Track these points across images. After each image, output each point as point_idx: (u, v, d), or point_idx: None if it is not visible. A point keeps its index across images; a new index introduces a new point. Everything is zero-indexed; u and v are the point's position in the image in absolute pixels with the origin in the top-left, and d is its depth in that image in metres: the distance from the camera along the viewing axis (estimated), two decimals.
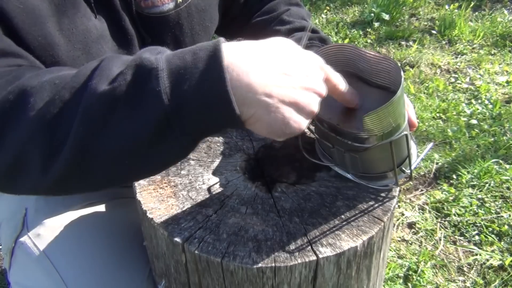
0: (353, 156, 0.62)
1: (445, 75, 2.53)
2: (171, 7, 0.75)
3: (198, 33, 0.81)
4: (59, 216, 0.80)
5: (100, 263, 0.75)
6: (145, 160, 0.49)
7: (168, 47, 0.77)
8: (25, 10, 0.59)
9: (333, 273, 0.58)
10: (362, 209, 0.63)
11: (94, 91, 0.45)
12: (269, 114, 0.48)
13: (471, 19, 2.98)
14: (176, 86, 0.44)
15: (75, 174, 0.49)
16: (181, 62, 0.45)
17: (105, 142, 0.46)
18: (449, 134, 2.03)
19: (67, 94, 0.47)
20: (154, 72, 0.45)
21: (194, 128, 0.47)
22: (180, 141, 0.47)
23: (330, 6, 3.20)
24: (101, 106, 0.45)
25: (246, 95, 0.46)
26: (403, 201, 1.75)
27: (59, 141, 0.47)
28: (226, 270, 0.56)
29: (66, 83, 0.47)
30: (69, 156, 0.47)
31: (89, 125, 0.46)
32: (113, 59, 0.48)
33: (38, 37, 0.60)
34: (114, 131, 0.46)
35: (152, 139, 0.46)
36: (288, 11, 0.89)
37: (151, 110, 0.45)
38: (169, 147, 0.48)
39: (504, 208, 1.66)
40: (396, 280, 1.44)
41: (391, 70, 0.61)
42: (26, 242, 0.78)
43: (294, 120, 0.49)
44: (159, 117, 0.45)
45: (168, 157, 0.51)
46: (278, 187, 0.67)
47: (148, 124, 0.45)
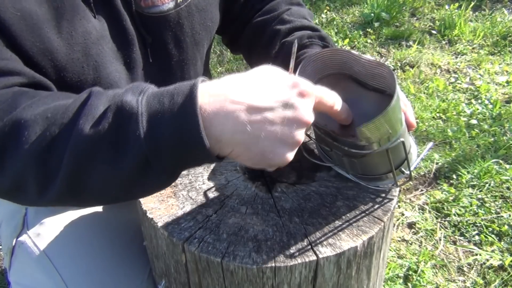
0: (351, 160, 0.62)
1: (445, 75, 2.53)
2: (171, 6, 0.75)
3: (199, 32, 0.81)
4: (59, 216, 0.80)
5: (100, 262, 0.75)
6: (129, 192, 0.54)
7: (169, 46, 0.77)
8: (22, 17, 0.59)
9: (333, 273, 0.58)
10: (362, 209, 0.63)
11: (81, 132, 0.49)
12: (247, 150, 0.50)
13: (471, 19, 2.98)
14: (154, 130, 0.48)
15: (69, 199, 0.54)
16: (159, 106, 0.48)
17: (92, 178, 0.51)
18: (449, 134, 2.03)
19: (57, 130, 0.50)
20: (134, 116, 0.48)
21: (173, 166, 0.51)
22: (161, 177, 0.52)
23: (330, 6, 3.20)
24: (87, 146, 0.49)
25: (221, 135, 0.48)
26: (403, 201, 1.75)
27: (51, 173, 0.51)
28: (226, 270, 0.56)
29: (56, 119, 0.51)
30: (61, 186, 0.51)
31: (77, 162, 0.50)
32: (100, 96, 0.51)
33: (37, 43, 0.61)
34: (100, 169, 0.50)
35: (134, 176, 0.50)
36: (288, 10, 0.89)
37: (131, 152, 0.48)
38: (151, 182, 0.52)
39: (504, 208, 1.66)
40: (396, 280, 1.44)
41: (385, 76, 0.60)
42: (26, 242, 0.78)
43: (276, 153, 0.50)
44: (139, 159, 0.48)
45: (151, 189, 0.55)
46: (278, 187, 0.67)
47: (129, 164, 0.49)
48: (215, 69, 2.60)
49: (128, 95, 0.50)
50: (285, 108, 0.49)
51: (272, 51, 0.84)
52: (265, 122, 0.49)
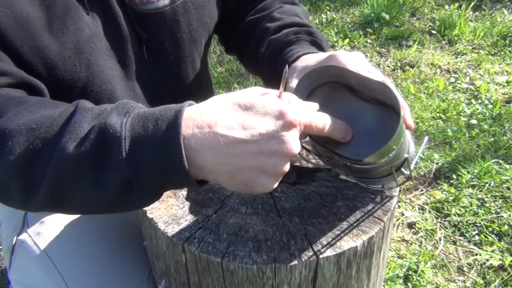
0: (351, 169, 0.61)
1: (445, 75, 2.53)
2: (166, 3, 0.74)
3: (196, 29, 0.81)
4: (59, 215, 0.80)
5: (100, 262, 0.76)
6: (111, 210, 0.54)
7: (165, 43, 0.77)
8: (12, 15, 0.59)
9: (333, 273, 0.58)
10: (362, 209, 0.63)
11: (63, 150, 0.49)
12: (230, 179, 0.50)
13: (471, 19, 2.98)
14: (137, 154, 0.48)
15: (53, 209, 0.55)
16: (143, 131, 0.48)
17: (74, 195, 0.51)
18: (449, 134, 2.03)
19: (40, 145, 0.50)
20: (117, 140, 0.48)
21: (154, 189, 0.51)
22: (143, 198, 0.52)
23: (330, 6, 3.20)
24: (69, 166, 0.49)
25: (204, 165, 0.48)
26: (403, 201, 1.75)
27: (34, 184, 0.51)
28: (226, 270, 0.56)
29: (41, 132, 0.51)
30: (45, 197, 0.51)
31: (59, 180, 0.50)
32: (84, 114, 0.51)
33: (27, 41, 0.60)
34: (82, 188, 0.50)
35: (116, 197, 0.50)
36: (280, 8, 0.87)
37: (114, 174, 0.48)
38: (132, 201, 0.52)
39: (504, 208, 1.66)
40: (396, 280, 1.44)
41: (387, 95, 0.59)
42: (26, 241, 0.78)
43: (259, 183, 0.50)
44: (121, 181, 0.48)
45: (133, 208, 0.55)
46: (278, 187, 0.67)
47: (111, 186, 0.49)
48: (215, 69, 2.60)
49: (113, 116, 0.49)
50: (269, 141, 0.48)
51: (260, 50, 0.83)
52: (248, 154, 0.48)
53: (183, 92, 0.84)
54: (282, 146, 0.49)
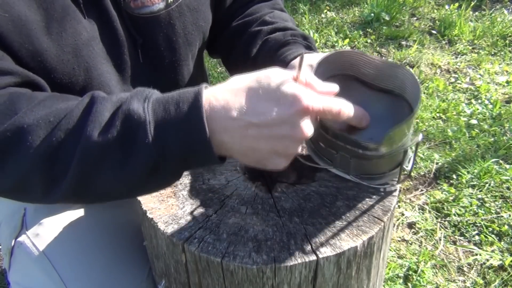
0: (360, 161, 0.61)
1: (445, 75, 2.53)
2: (161, 7, 0.74)
3: (192, 33, 0.81)
4: (58, 216, 0.80)
5: (99, 263, 0.75)
6: (132, 193, 0.57)
7: (161, 47, 0.77)
8: (10, 18, 0.59)
9: (333, 273, 0.58)
10: (362, 209, 0.63)
11: (89, 139, 0.50)
12: (244, 157, 0.54)
13: (471, 19, 2.98)
14: (162, 137, 0.50)
15: (72, 199, 0.57)
16: (165, 114, 0.50)
17: (98, 182, 0.53)
18: (449, 134, 2.03)
19: (63, 135, 0.51)
20: (142, 125, 0.50)
21: (179, 169, 0.55)
22: (167, 178, 0.55)
23: (330, 6, 3.20)
24: (96, 153, 0.50)
25: (221, 144, 0.52)
26: (403, 201, 1.75)
27: (57, 177, 0.52)
28: (226, 270, 0.56)
29: (61, 124, 0.51)
30: (67, 189, 0.53)
31: (85, 168, 0.51)
32: (104, 103, 0.52)
33: (25, 44, 0.60)
34: (108, 175, 0.52)
35: (142, 180, 0.53)
36: (271, 13, 0.89)
37: (140, 159, 0.50)
38: (157, 184, 0.55)
39: (504, 208, 1.66)
40: (396, 280, 1.44)
41: (399, 77, 0.60)
42: (25, 242, 0.78)
43: (271, 162, 0.53)
44: (148, 164, 0.51)
45: (154, 189, 0.59)
46: (278, 187, 0.67)
47: (138, 168, 0.51)
48: (215, 69, 2.60)
49: (134, 102, 0.51)
50: (281, 125, 0.51)
51: (252, 49, 0.84)
52: (261, 137, 0.51)
53: None
54: (294, 131, 0.51)
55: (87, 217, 0.81)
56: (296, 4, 3.23)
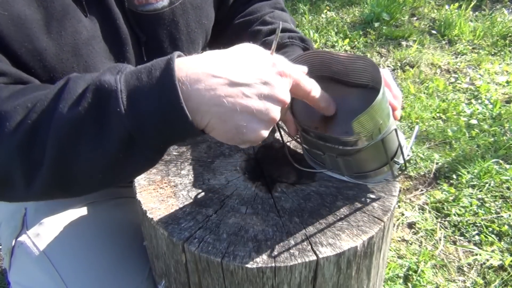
0: (346, 159, 0.62)
1: (445, 75, 2.53)
2: (165, 4, 0.74)
3: (195, 30, 0.81)
4: (59, 216, 0.80)
5: (99, 262, 0.75)
6: (116, 172, 0.54)
7: (164, 45, 0.77)
8: (10, 17, 0.59)
9: (333, 273, 0.58)
10: (362, 209, 0.63)
11: (61, 116, 0.49)
12: (222, 123, 0.50)
13: (471, 19, 2.98)
14: (134, 105, 0.48)
15: (55, 188, 0.54)
16: (138, 82, 0.49)
17: (77, 160, 0.51)
18: (449, 134, 2.03)
19: (38, 118, 0.50)
20: (114, 93, 0.48)
21: (156, 141, 0.51)
22: (146, 153, 0.52)
23: (330, 6, 3.20)
24: (69, 129, 0.49)
25: (198, 107, 0.49)
26: (403, 201, 1.75)
27: (36, 162, 0.51)
28: (226, 270, 0.56)
29: (37, 106, 0.51)
30: (48, 174, 0.51)
31: (61, 146, 0.50)
32: (78, 80, 0.51)
33: (25, 43, 0.60)
34: (84, 150, 0.50)
35: (119, 154, 0.50)
36: (271, 13, 0.89)
37: (114, 130, 0.49)
38: (136, 159, 0.52)
39: (504, 208, 1.66)
40: (396, 280, 1.44)
41: (368, 69, 0.61)
42: (25, 242, 0.78)
43: (250, 128, 0.50)
44: (122, 135, 0.49)
45: (137, 168, 0.55)
46: (278, 187, 0.67)
47: (113, 142, 0.49)
48: None
49: (106, 75, 0.50)
50: (262, 84, 0.50)
51: None
52: (242, 96, 0.49)
53: None
54: (274, 91, 0.50)
55: (88, 217, 0.81)
56: (296, 4, 3.23)
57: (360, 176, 0.65)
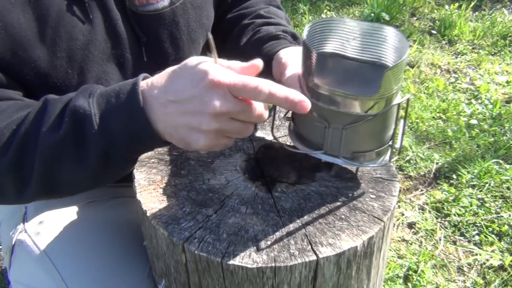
0: (351, 131, 0.60)
1: (445, 75, 2.53)
2: (166, 4, 0.74)
3: (195, 30, 0.81)
4: (59, 215, 0.80)
5: (99, 262, 0.75)
6: (97, 180, 0.63)
7: (165, 45, 0.77)
8: (3, 27, 0.59)
9: (333, 273, 0.58)
10: (362, 209, 0.63)
11: (45, 138, 0.56)
12: (171, 136, 0.57)
13: (471, 19, 2.98)
14: (107, 126, 0.55)
15: (44, 195, 0.63)
16: (108, 105, 0.56)
17: (62, 176, 0.59)
18: (449, 134, 2.03)
19: (24, 140, 0.57)
20: (88, 117, 0.55)
21: (129, 153, 0.60)
22: (121, 164, 0.61)
23: (330, 6, 3.20)
24: (52, 150, 0.56)
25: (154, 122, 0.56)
26: (403, 201, 1.75)
27: (25, 178, 0.59)
28: (226, 270, 0.56)
29: (21, 130, 0.57)
30: (36, 187, 0.59)
31: (46, 164, 0.57)
32: (54, 104, 0.58)
33: (18, 51, 0.61)
34: (67, 166, 0.58)
35: (98, 168, 0.58)
36: (267, 8, 0.89)
37: (92, 148, 0.56)
38: (113, 169, 0.61)
39: (504, 208, 1.66)
40: (396, 280, 1.44)
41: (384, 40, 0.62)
42: (25, 241, 0.78)
43: (192, 139, 0.55)
44: (99, 152, 0.56)
45: (115, 175, 0.64)
46: (278, 187, 0.67)
47: (91, 158, 0.57)
48: None
49: (80, 99, 0.56)
50: (192, 101, 0.53)
51: (243, 39, 0.85)
52: (177, 114, 0.54)
53: None
54: (203, 105, 0.53)
55: (88, 216, 0.81)
56: (296, 4, 3.23)
57: (356, 157, 0.63)
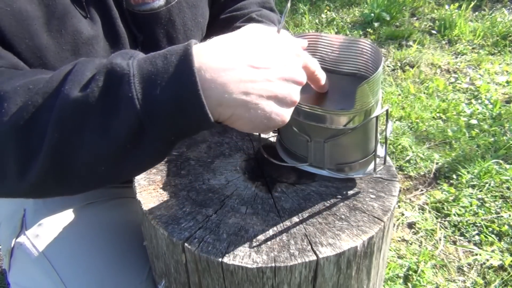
0: (332, 144, 0.61)
1: (445, 75, 2.53)
2: (161, 3, 0.74)
3: (191, 29, 0.81)
4: (58, 217, 0.80)
5: (99, 263, 0.75)
6: (120, 166, 0.49)
7: (161, 44, 0.77)
8: (12, 12, 0.58)
9: (333, 273, 0.58)
10: (362, 209, 0.63)
11: (67, 97, 0.45)
12: (249, 111, 0.48)
13: (471, 19, 2.98)
14: (148, 91, 0.45)
15: (51, 180, 0.50)
16: (152, 67, 0.45)
17: (80, 148, 0.47)
18: (449, 134, 2.03)
19: (40, 99, 0.47)
20: (126, 77, 0.45)
21: (168, 132, 0.47)
22: (155, 145, 0.48)
23: (330, 6, 3.20)
24: (74, 112, 0.46)
25: (222, 96, 0.46)
26: (403, 201, 1.75)
27: (33, 148, 0.47)
28: (226, 270, 0.56)
29: (39, 88, 0.47)
30: (44, 163, 0.47)
31: (63, 131, 0.46)
32: (86, 64, 0.48)
33: (25, 39, 0.60)
34: (88, 137, 0.46)
35: (126, 144, 0.46)
36: (259, 11, 0.89)
37: (123, 116, 0.45)
38: (144, 152, 0.48)
39: (504, 208, 1.66)
40: (396, 280, 1.44)
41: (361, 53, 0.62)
42: (24, 243, 0.78)
43: (276, 113, 0.49)
44: (132, 123, 0.45)
45: (143, 162, 0.51)
46: (278, 187, 0.67)
47: (121, 129, 0.45)
48: None
49: (118, 58, 0.47)
50: (283, 67, 0.49)
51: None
52: (266, 80, 0.48)
53: None
54: (294, 73, 0.50)
55: (87, 217, 0.81)
56: (296, 4, 3.23)
57: (341, 169, 0.65)
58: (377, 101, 0.60)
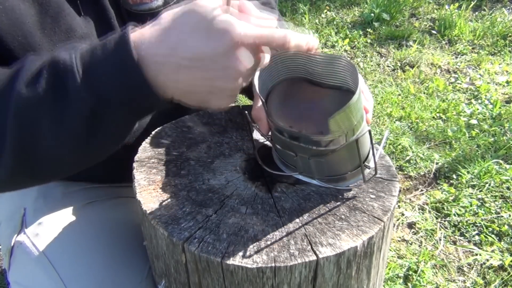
0: (318, 161, 0.61)
1: (445, 75, 2.53)
2: (160, 3, 0.74)
3: None
4: (58, 216, 0.80)
5: (99, 262, 0.75)
6: (85, 150, 0.53)
7: None
8: (4, 10, 0.58)
9: (333, 273, 0.58)
10: (362, 209, 0.63)
11: (19, 94, 0.48)
12: (185, 98, 0.51)
13: (471, 19, 2.99)
14: (92, 79, 0.48)
15: (22, 172, 0.53)
16: (92, 57, 0.48)
17: (41, 139, 0.49)
18: (449, 134, 2.03)
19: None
20: (70, 68, 0.48)
21: (125, 114, 0.51)
22: (112, 128, 0.51)
23: (330, 6, 3.20)
24: (28, 107, 0.48)
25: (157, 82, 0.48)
26: (403, 201, 1.75)
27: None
28: (226, 270, 0.56)
29: None
30: (11, 158, 0.50)
31: (22, 127, 0.49)
32: (33, 61, 0.50)
33: (18, 37, 0.60)
34: (47, 128, 0.49)
35: (84, 130, 0.50)
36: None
37: (74, 106, 0.48)
38: (104, 136, 0.52)
39: (504, 208, 1.66)
40: (396, 280, 1.44)
41: (345, 68, 0.60)
42: (24, 242, 0.78)
43: (213, 102, 0.51)
44: (84, 110, 0.48)
45: (106, 145, 0.54)
46: (278, 187, 0.67)
47: (75, 119, 0.48)
48: None
49: (61, 53, 0.49)
50: (216, 58, 0.48)
51: None
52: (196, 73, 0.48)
53: None
54: (229, 63, 0.48)
55: (87, 217, 0.81)
56: (296, 4, 3.23)
57: (331, 180, 0.65)
58: (360, 120, 0.58)
